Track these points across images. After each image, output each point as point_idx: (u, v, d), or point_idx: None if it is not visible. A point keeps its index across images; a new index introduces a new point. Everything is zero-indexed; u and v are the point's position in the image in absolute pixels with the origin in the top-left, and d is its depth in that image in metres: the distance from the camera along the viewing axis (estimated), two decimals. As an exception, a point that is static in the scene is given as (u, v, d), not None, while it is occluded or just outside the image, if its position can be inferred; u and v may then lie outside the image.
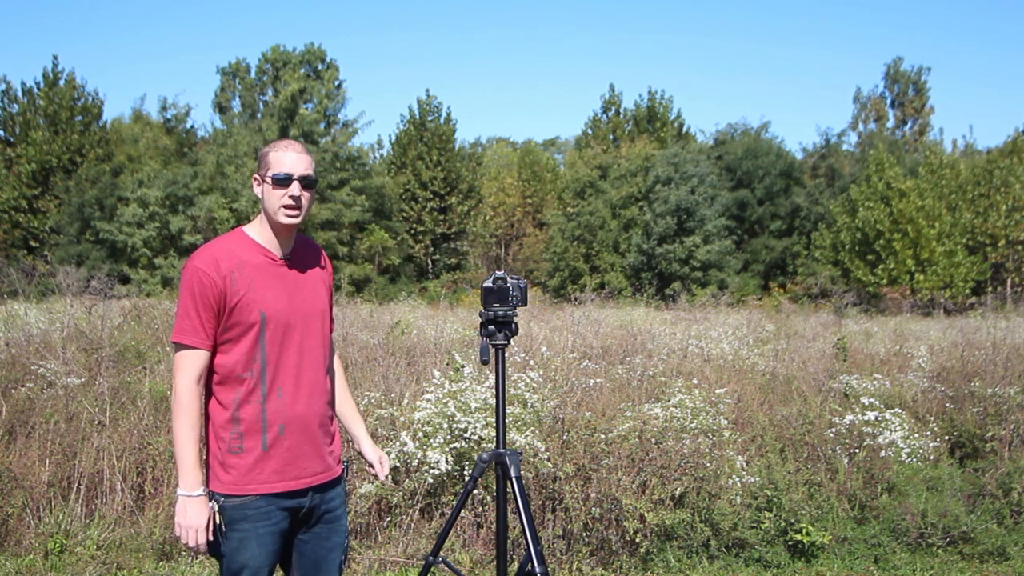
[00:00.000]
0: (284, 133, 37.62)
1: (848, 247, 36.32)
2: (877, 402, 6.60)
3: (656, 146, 42.68)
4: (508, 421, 5.06)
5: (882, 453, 6.07)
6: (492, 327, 3.15)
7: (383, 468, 2.99)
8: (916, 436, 6.58)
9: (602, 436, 5.22)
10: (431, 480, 5.00)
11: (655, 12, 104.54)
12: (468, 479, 3.28)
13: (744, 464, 5.49)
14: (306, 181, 2.66)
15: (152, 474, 5.27)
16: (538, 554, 2.95)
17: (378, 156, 48.83)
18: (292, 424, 2.63)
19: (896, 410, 6.69)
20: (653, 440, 5.25)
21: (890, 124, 52.12)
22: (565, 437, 5.21)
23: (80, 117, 39.69)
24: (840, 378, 8.11)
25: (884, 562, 5.25)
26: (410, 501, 5.09)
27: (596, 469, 5.04)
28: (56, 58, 49.08)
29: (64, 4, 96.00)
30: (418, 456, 4.99)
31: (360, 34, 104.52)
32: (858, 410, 6.33)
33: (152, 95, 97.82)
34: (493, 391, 4.58)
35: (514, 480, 3.05)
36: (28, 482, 5.09)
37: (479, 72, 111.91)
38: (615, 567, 4.98)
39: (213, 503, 2.57)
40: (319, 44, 45.76)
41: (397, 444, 5.02)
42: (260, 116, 41.62)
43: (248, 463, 2.58)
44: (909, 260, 34.49)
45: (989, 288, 36.83)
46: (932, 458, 6.57)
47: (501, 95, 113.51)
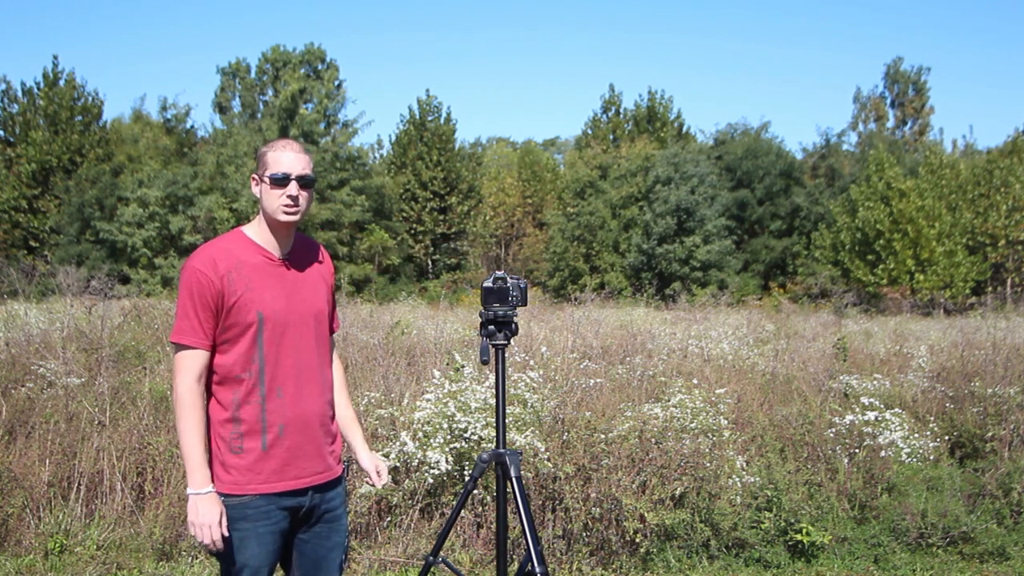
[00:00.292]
0: (284, 133, 37.62)
1: (848, 247, 36.32)
2: (877, 402, 6.60)
3: (656, 146, 42.68)
4: (508, 421, 5.06)
5: (882, 453, 6.07)
6: (492, 327, 3.15)
7: (380, 478, 2.95)
8: (916, 436, 6.58)
9: (602, 436, 5.22)
10: (431, 480, 5.00)
11: (655, 12, 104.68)
12: (468, 479, 3.28)
13: (744, 464, 5.49)
14: (304, 181, 2.65)
15: (152, 474, 5.27)
16: (538, 554, 2.95)
17: (378, 156, 48.90)
18: (292, 424, 2.63)
19: (896, 410, 6.69)
20: (653, 440, 5.25)
21: (890, 124, 52.15)
22: (565, 437, 5.21)
23: (80, 117, 39.70)
24: (840, 378, 8.11)
25: (884, 562, 5.25)
26: (410, 501, 5.09)
27: (596, 469, 5.04)
28: (56, 58, 49.20)
29: (64, 4, 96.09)
30: (418, 456, 4.99)
31: (360, 34, 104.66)
32: (858, 410, 6.33)
33: (152, 95, 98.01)
34: (493, 391, 4.58)
35: (514, 480, 3.05)
36: (28, 482, 5.08)
37: (479, 72, 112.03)
38: (615, 567, 4.98)
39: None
40: (319, 44, 45.89)
41: (397, 444, 5.02)
42: (260, 116, 41.62)
43: (248, 463, 2.58)
44: (909, 260, 34.49)
45: (989, 288, 36.82)
46: (932, 458, 6.57)
47: (501, 95, 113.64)
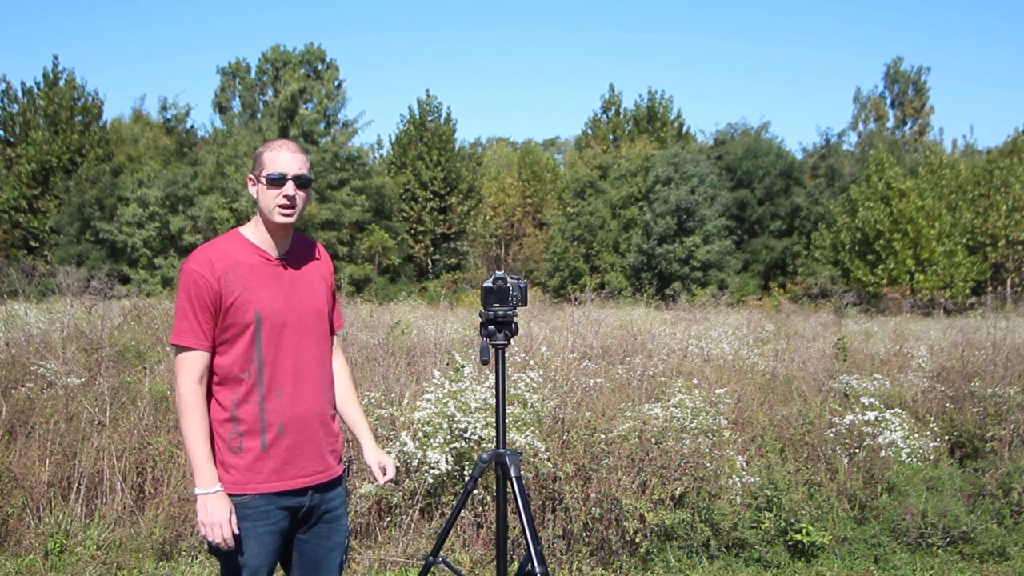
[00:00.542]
0: (284, 133, 37.62)
1: (848, 247, 36.32)
2: (877, 402, 6.59)
3: (656, 146, 42.68)
4: (508, 421, 5.06)
5: (882, 453, 6.07)
6: (492, 327, 3.15)
7: (385, 474, 2.92)
8: (916, 436, 6.58)
9: (602, 436, 5.21)
10: (431, 480, 5.00)
11: (655, 12, 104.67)
12: (468, 479, 3.28)
13: (744, 464, 5.49)
14: (300, 180, 2.65)
15: (152, 474, 5.27)
16: (538, 554, 2.95)
17: (378, 156, 48.90)
18: (291, 424, 2.63)
19: (896, 410, 6.69)
20: (653, 440, 5.25)
21: (890, 124, 52.16)
22: (565, 437, 5.21)
23: (80, 117, 39.70)
24: (840, 378, 8.10)
25: (884, 562, 5.25)
26: (410, 501, 5.09)
27: (596, 469, 5.04)
28: (56, 58, 49.19)
29: (64, 4, 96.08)
30: (418, 456, 4.99)
31: (360, 34, 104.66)
32: (858, 410, 6.33)
33: (152, 95, 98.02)
34: (493, 391, 4.58)
35: (514, 480, 3.05)
36: (28, 482, 5.08)
37: (479, 72, 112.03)
38: (615, 567, 4.98)
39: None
40: (319, 44, 45.93)
41: (397, 444, 5.02)
42: (260, 116, 41.64)
43: (247, 462, 2.58)
44: (909, 260, 34.49)
45: (989, 288, 36.83)
46: (932, 458, 6.57)
47: (501, 95, 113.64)
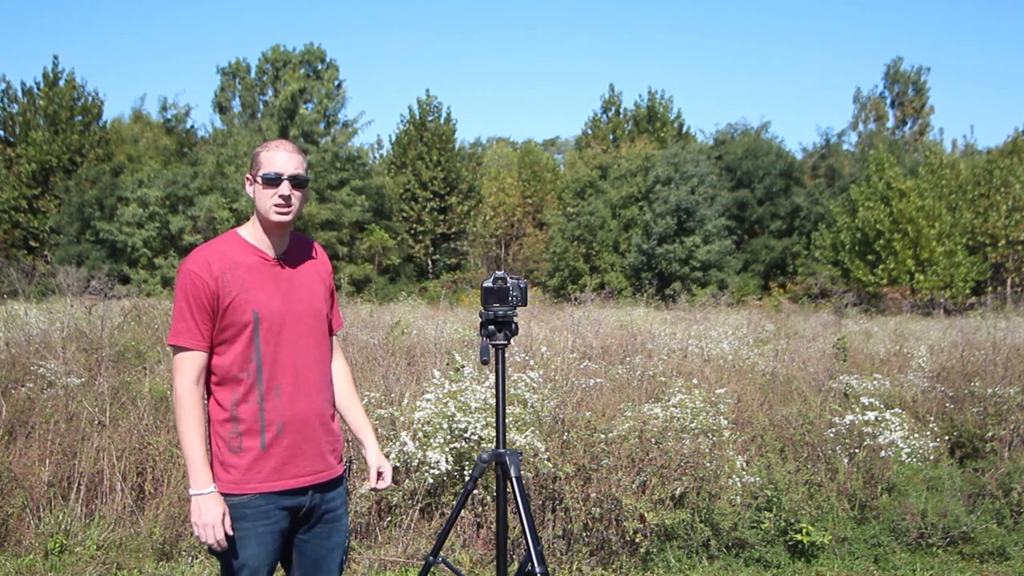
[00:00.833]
0: (284, 133, 37.62)
1: (848, 247, 36.32)
2: (877, 402, 6.59)
3: (656, 146, 42.69)
4: (508, 421, 5.06)
5: (882, 453, 6.07)
6: (492, 327, 3.15)
7: (381, 480, 2.91)
8: (916, 436, 6.58)
9: (602, 436, 5.21)
10: (431, 480, 5.00)
11: (655, 12, 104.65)
12: (468, 479, 3.28)
13: (744, 464, 5.49)
14: (296, 180, 2.65)
15: (152, 474, 5.26)
16: (538, 554, 2.95)
17: (378, 156, 48.91)
18: (291, 423, 2.63)
19: (896, 410, 6.69)
20: (653, 440, 5.25)
21: (890, 124, 52.17)
22: (565, 437, 5.21)
23: (80, 117, 39.70)
24: (840, 378, 8.10)
25: (884, 562, 5.25)
26: (410, 501, 5.09)
27: (596, 469, 5.04)
28: (56, 58, 49.28)
29: (64, 4, 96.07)
30: (418, 456, 4.99)
31: (360, 34, 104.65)
32: (858, 410, 6.33)
33: (152, 95, 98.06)
34: (493, 391, 4.58)
35: (514, 480, 3.05)
36: (28, 482, 5.08)
37: (479, 72, 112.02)
38: (615, 567, 4.98)
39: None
40: (319, 44, 45.94)
41: (397, 444, 5.02)
42: (260, 116, 41.64)
43: (247, 462, 2.59)
44: (909, 260, 34.49)
45: (989, 288, 36.82)
46: (932, 458, 6.57)
47: (501, 95, 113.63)
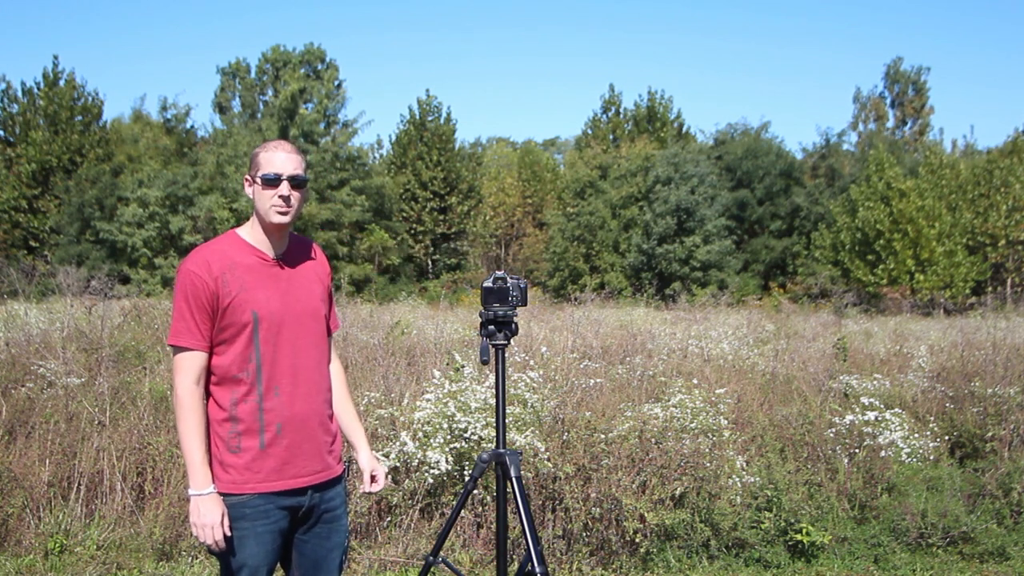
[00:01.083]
0: (284, 133, 37.62)
1: (848, 247, 36.32)
2: (877, 402, 6.60)
3: (656, 146, 42.69)
4: (508, 421, 5.06)
5: (882, 453, 6.07)
6: (492, 327, 3.15)
7: (374, 484, 2.92)
8: (916, 436, 6.58)
9: (602, 436, 5.21)
10: (431, 480, 5.00)
11: (655, 12, 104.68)
12: (468, 479, 3.28)
13: (744, 464, 5.49)
14: (295, 181, 2.66)
15: (152, 474, 5.26)
16: (538, 554, 2.95)
17: (378, 156, 48.92)
18: (290, 423, 2.63)
19: (896, 410, 6.69)
20: (653, 440, 5.25)
21: (890, 124, 52.19)
22: (565, 437, 5.21)
23: (80, 117, 39.72)
24: (840, 378, 8.11)
25: (884, 562, 5.25)
26: (410, 501, 5.09)
27: (596, 469, 5.04)
28: (56, 58, 49.35)
29: (64, 4, 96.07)
30: (418, 456, 4.98)
31: (360, 34, 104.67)
32: (858, 410, 6.33)
33: (152, 95, 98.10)
34: (493, 391, 4.58)
35: (514, 480, 3.05)
36: (28, 482, 5.08)
37: (479, 72, 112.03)
38: (615, 567, 4.98)
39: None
40: (319, 44, 45.97)
41: (397, 444, 5.02)
42: (260, 116, 41.64)
43: (246, 462, 2.59)
44: (909, 260, 34.49)
45: (989, 288, 36.82)
46: (932, 458, 6.57)
47: (501, 95, 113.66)
